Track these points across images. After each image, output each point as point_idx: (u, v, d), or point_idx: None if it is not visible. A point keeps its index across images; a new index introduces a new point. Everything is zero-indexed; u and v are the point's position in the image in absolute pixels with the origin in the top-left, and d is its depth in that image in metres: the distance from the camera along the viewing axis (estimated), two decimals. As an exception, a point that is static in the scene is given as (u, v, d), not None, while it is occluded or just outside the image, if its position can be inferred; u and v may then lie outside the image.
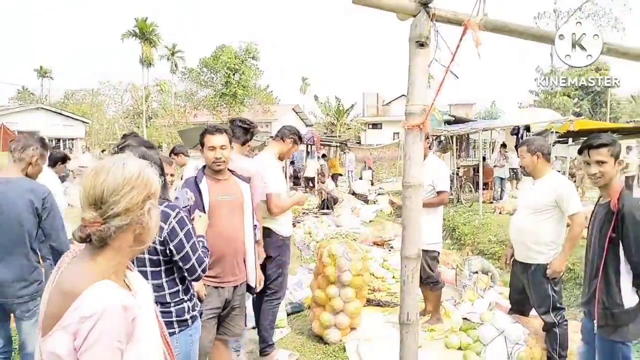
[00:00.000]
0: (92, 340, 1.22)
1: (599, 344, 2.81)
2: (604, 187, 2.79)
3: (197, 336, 2.51)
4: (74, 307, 1.24)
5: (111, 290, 1.29)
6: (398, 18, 2.48)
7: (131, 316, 1.30)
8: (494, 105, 58.19)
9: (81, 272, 1.33)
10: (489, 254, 8.43)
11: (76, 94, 39.70)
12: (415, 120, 2.34)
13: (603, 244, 2.71)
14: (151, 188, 1.42)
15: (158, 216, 1.47)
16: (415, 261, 2.44)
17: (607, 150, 2.70)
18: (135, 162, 1.43)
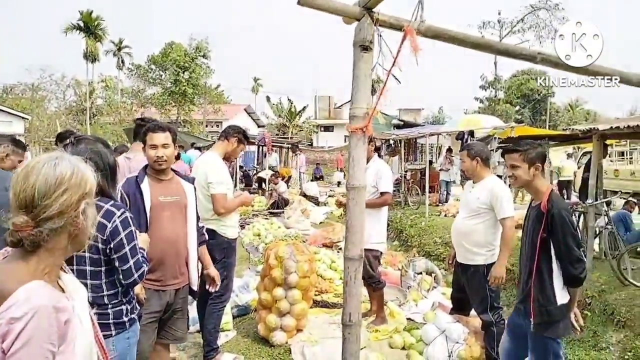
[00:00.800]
0: (22, 342, 1.17)
1: (532, 341, 2.92)
2: (533, 190, 2.93)
3: (135, 339, 2.44)
4: (4, 308, 1.19)
5: (43, 291, 1.25)
6: (344, 22, 2.51)
7: (64, 318, 1.26)
8: (441, 111, 59.83)
9: (11, 273, 1.27)
10: (434, 255, 8.65)
11: (15, 88, 37.66)
12: (358, 123, 2.37)
13: (535, 244, 2.82)
14: (86, 187, 1.36)
15: (95, 215, 1.42)
16: (357, 262, 2.47)
17: (518, 155, 2.89)
18: (68, 160, 1.36)
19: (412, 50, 2.20)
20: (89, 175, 1.39)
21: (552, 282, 2.82)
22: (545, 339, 2.85)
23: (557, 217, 2.73)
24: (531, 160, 2.87)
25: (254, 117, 48.22)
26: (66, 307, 1.29)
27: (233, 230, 4.06)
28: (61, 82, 36.00)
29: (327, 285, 5.98)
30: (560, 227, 2.73)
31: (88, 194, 1.38)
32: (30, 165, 1.33)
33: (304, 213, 11.69)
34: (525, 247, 3.01)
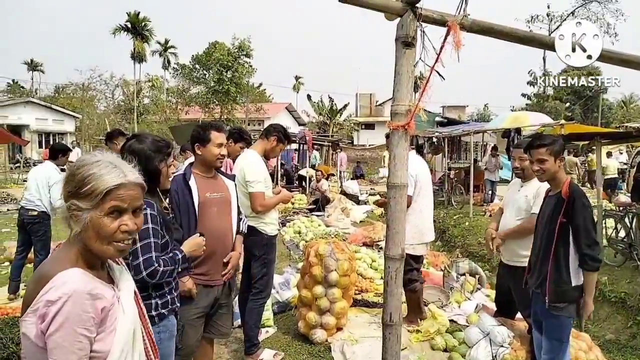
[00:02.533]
0: (57, 325, 1.23)
1: (547, 322, 3.11)
2: (556, 181, 3.09)
3: (167, 335, 2.44)
4: (43, 291, 1.26)
5: (79, 277, 1.31)
6: (386, 18, 2.47)
7: (101, 305, 1.31)
8: (487, 108, 58.43)
9: (56, 260, 1.37)
10: (478, 256, 8.47)
11: (67, 88, 39.31)
12: (400, 121, 2.33)
13: (554, 229, 2.99)
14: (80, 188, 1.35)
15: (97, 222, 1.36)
16: (398, 262, 2.43)
17: (545, 149, 3.04)
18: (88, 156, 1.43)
19: (454, 45, 2.15)
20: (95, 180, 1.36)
21: (567, 264, 2.98)
22: (561, 317, 3.02)
23: (579, 204, 2.91)
24: (557, 153, 3.05)
25: (295, 115, 48.51)
26: (102, 294, 1.33)
27: (272, 227, 4.09)
28: (110, 82, 37.36)
29: (367, 285, 5.94)
30: (581, 213, 2.90)
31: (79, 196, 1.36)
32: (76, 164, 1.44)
33: (344, 211, 11.66)
34: (541, 232, 3.16)
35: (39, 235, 5.84)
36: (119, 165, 1.41)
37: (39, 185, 5.71)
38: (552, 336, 3.10)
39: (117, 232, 1.38)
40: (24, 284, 6.10)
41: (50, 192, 5.70)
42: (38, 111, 32.89)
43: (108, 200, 1.36)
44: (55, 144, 6.37)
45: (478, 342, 4.01)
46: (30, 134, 31.53)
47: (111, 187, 1.36)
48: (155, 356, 1.62)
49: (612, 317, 5.66)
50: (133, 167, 1.47)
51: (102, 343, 1.33)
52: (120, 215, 1.38)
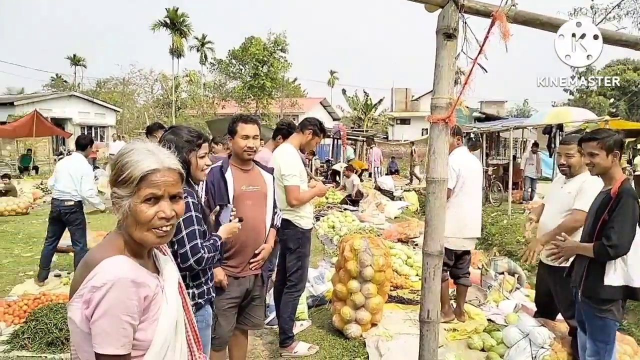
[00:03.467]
0: (102, 311, 1.24)
1: (592, 322, 3.02)
2: (609, 177, 3.01)
3: (204, 325, 2.50)
4: (89, 277, 1.28)
5: (123, 265, 1.31)
6: (426, 9, 2.42)
7: (144, 293, 1.31)
8: (527, 103, 56.92)
9: (103, 247, 1.39)
10: (516, 255, 8.25)
11: (108, 83, 40.47)
12: (440, 114, 2.28)
13: (596, 225, 2.94)
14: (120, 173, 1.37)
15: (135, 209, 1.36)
16: (437, 258, 2.39)
17: (596, 143, 2.99)
18: (127, 145, 1.45)
19: (501, 36, 2.08)
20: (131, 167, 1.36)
21: (604, 263, 2.90)
22: (606, 319, 2.94)
23: (623, 201, 2.84)
24: (609, 148, 2.96)
25: (329, 110, 48.47)
26: (146, 283, 1.33)
27: (307, 220, 4.09)
28: (149, 76, 38.20)
29: (402, 281, 5.89)
30: (621, 209, 2.83)
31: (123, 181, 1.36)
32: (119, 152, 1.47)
33: (378, 207, 11.58)
34: (586, 229, 3.11)
35: (76, 224, 6.09)
36: (155, 152, 1.40)
37: (73, 176, 5.92)
38: (596, 338, 3.01)
39: (154, 219, 1.36)
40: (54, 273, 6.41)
41: (82, 183, 5.95)
42: (81, 105, 33.94)
43: (144, 187, 1.35)
44: (80, 136, 6.59)
45: (517, 342, 3.91)
46: (73, 126, 32.55)
47: (146, 173, 1.35)
48: (197, 347, 1.62)
49: (659, 321, 5.43)
50: (171, 153, 1.46)
51: (144, 332, 1.33)
52: (158, 202, 1.37)
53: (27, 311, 4.80)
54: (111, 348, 1.25)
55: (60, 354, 4.09)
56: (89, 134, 32.59)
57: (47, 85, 51.41)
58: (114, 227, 1.46)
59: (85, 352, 1.30)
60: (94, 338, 1.26)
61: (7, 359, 4.06)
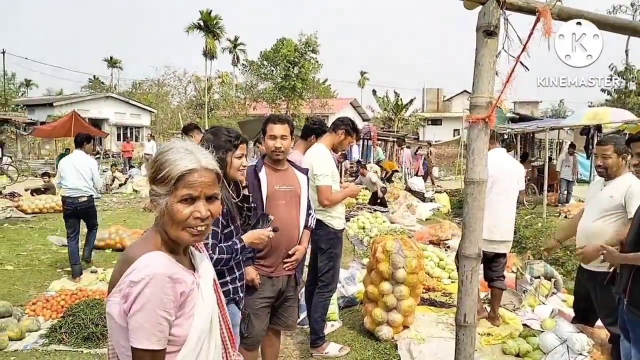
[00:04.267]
0: (139, 306, 1.26)
1: (635, 328, 2.85)
2: None
3: None
4: (127, 272, 1.30)
5: (161, 261, 1.33)
6: (465, 7, 2.38)
7: (180, 289, 1.33)
8: (562, 103, 55.41)
9: (140, 243, 1.42)
10: (552, 259, 8.04)
11: (143, 84, 41.36)
12: (480, 113, 2.23)
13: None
14: (159, 171, 1.38)
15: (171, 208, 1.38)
16: (475, 261, 2.34)
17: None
18: (167, 143, 1.46)
19: (544, 33, 2.02)
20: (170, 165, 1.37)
21: None
22: None
23: None
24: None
25: (360, 110, 48.30)
26: (183, 279, 1.35)
27: (339, 221, 4.07)
28: (183, 78, 38.83)
29: (434, 283, 5.81)
30: None
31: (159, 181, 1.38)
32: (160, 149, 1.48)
33: (409, 208, 11.45)
34: (633, 234, 2.93)
35: (92, 214, 6.68)
36: (194, 151, 1.41)
37: (82, 172, 6.32)
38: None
39: (189, 219, 1.37)
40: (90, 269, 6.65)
41: (93, 177, 6.43)
42: (117, 106, 34.86)
43: (181, 187, 1.36)
44: (79, 134, 7.08)
45: (554, 348, 3.80)
46: (110, 127, 33.46)
47: (183, 172, 1.36)
48: (232, 344, 1.63)
49: None
50: (209, 153, 1.47)
51: (180, 328, 1.34)
52: (194, 202, 1.38)
53: (64, 306, 4.94)
54: (147, 342, 1.27)
55: (96, 348, 4.19)
56: (125, 134, 33.46)
57: (84, 87, 53.01)
58: (148, 225, 1.49)
59: (122, 347, 1.32)
60: (130, 332, 1.27)
61: (45, 353, 4.18)
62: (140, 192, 14.75)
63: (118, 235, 7.89)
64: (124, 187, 16.04)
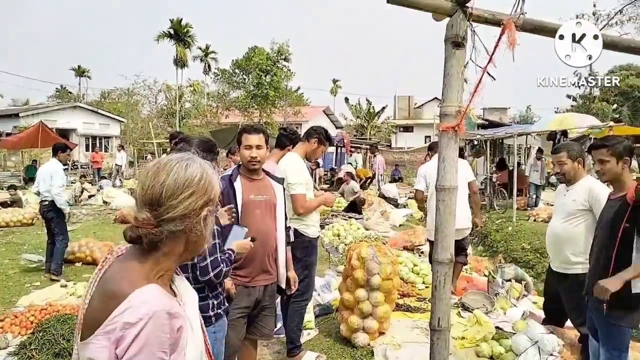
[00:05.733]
0: (136, 349, 1.12)
1: (606, 329, 2.96)
2: (620, 184, 3.02)
3: (222, 334, 2.52)
4: (118, 312, 1.14)
5: (158, 296, 1.20)
6: (434, 18, 2.44)
7: (177, 324, 1.20)
8: (529, 109, 56.87)
9: (127, 274, 1.23)
10: (522, 262, 8.23)
11: (112, 94, 40.69)
12: (450, 122, 2.29)
13: (616, 234, 2.85)
14: (211, 194, 1.31)
15: (213, 223, 1.37)
16: (447, 266, 2.39)
17: (606, 150, 3.01)
18: (199, 163, 1.32)
19: (509, 45, 2.09)
20: (215, 182, 1.33)
21: None
22: (621, 327, 2.90)
23: None
24: (619, 154, 2.98)
25: (333, 118, 48.60)
26: (180, 313, 1.23)
27: (314, 229, 4.09)
28: (153, 87, 38.34)
29: (409, 289, 5.87)
30: None
31: (212, 201, 1.32)
32: (163, 163, 1.30)
33: (383, 215, 11.56)
34: (601, 238, 3.04)
35: (55, 221, 6.84)
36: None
37: (44, 179, 6.77)
38: (610, 346, 2.97)
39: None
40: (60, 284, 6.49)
41: (52, 182, 6.68)
42: (85, 115, 34.15)
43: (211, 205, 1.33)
44: (55, 144, 7.65)
45: (526, 350, 3.89)
46: (78, 137, 32.76)
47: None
48: None
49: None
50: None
51: None
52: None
53: (34, 322, 4.79)
54: None
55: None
56: (94, 144, 32.84)
57: (51, 97, 51.86)
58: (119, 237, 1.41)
59: None
60: None
61: (15, 370, 4.06)
62: (111, 203, 14.47)
63: (88, 248, 7.70)
64: (94, 199, 15.69)
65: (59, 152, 7.07)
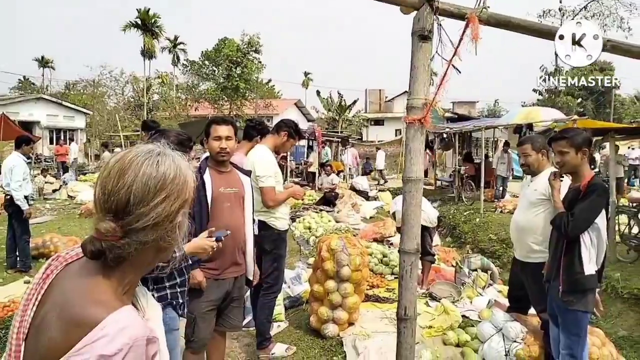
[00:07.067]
0: None
1: (564, 316, 3.10)
2: (579, 174, 3.12)
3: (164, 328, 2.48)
4: (88, 340, 0.94)
5: (136, 321, 1.01)
6: (401, 11, 2.47)
7: (153, 350, 1.02)
8: (497, 103, 58.02)
9: (92, 295, 1.02)
10: (489, 252, 8.43)
11: (77, 85, 39.56)
12: (416, 115, 2.32)
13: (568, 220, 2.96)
14: (187, 194, 1.11)
15: (187, 228, 1.15)
16: (413, 256, 2.43)
17: (565, 141, 3.09)
18: (172, 158, 1.11)
19: (472, 39, 2.13)
20: (190, 179, 1.13)
21: (580, 254, 2.99)
22: (577, 312, 3.02)
23: (593, 195, 2.94)
24: (578, 146, 3.06)
25: (304, 111, 48.49)
26: (157, 337, 1.05)
27: (283, 221, 4.09)
28: (120, 78, 37.41)
29: (378, 280, 5.95)
30: (588, 199, 2.93)
31: (188, 202, 1.12)
32: (128, 158, 1.06)
33: (354, 207, 11.64)
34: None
35: (15, 217, 6.73)
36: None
37: (5, 173, 6.74)
38: (569, 331, 3.09)
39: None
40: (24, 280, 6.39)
41: (12, 175, 6.59)
42: (49, 108, 33.11)
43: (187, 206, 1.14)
44: (19, 136, 7.51)
45: (491, 337, 4.00)
46: (42, 130, 31.79)
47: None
48: None
49: (624, 314, 5.62)
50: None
51: None
52: None
53: (-5, 319, 4.67)
54: None
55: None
56: (58, 137, 31.92)
57: (13, 88, 49.94)
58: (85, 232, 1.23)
59: None
60: None
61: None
62: (76, 197, 14.12)
63: (52, 243, 7.51)
64: (58, 193, 15.27)
65: (23, 145, 6.95)
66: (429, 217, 5.70)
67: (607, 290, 5.96)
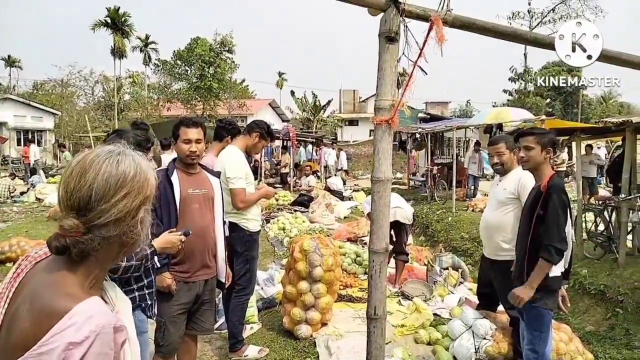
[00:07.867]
0: None
1: (527, 312, 3.14)
2: (540, 173, 3.16)
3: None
4: (57, 329, 0.99)
5: (102, 310, 1.07)
6: (369, 13, 2.48)
7: (121, 339, 1.07)
8: (469, 104, 58.90)
9: (59, 287, 1.07)
10: (461, 250, 8.56)
11: (45, 85, 38.56)
12: (384, 116, 2.34)
13: (532, 220, 3.04)
14: (147, 191, 1.16)
15: (150, 222, 1.21)
16: (383, 255, 2.45)
17: (533, 137, 3.14)
18: (131, 157, 1.17)
19: (437, 40, 2.16)
20: (151, 177, 1.19)
21: None
22: (538, 309, 3.06)
23: (555, 198, 2.96)
24: (544, 144, 3.11)
25: (279, 111, 48.36)
26: (124, 326, 1.10)
27: (255, 223, 4.07)
28: (90, 78, 36.62)
29: (351, 280, 5.97)
30: (556, 207, 2.94)
31: (149, 198, 1.18)
32: (88, 160, 1.12)
33: (328, 207, 11.65)
34: (522, 225, 3.24)
35: None
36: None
37: None
38: (531, 327, 3.16)
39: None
40: None
41: None
42: (16, 108, 32.27)
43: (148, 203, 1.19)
44: None
45: (461, 334, 4.05)
46: (9, 131, 30.97)
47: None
48: None
49: (591, 309, 5.77)
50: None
51: None
52: None
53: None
54: None
55: None
56: (26, 138, 31.11)
57: (-22, 88, 48.40)
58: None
59: None
60: None
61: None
62: (44, 200, 13.77)
63: (20, 247, 7.32)
64: (26, 196, 14.87)
65: None
66: (406, 214, 5.76)
67: (575, 287, 6.11)
